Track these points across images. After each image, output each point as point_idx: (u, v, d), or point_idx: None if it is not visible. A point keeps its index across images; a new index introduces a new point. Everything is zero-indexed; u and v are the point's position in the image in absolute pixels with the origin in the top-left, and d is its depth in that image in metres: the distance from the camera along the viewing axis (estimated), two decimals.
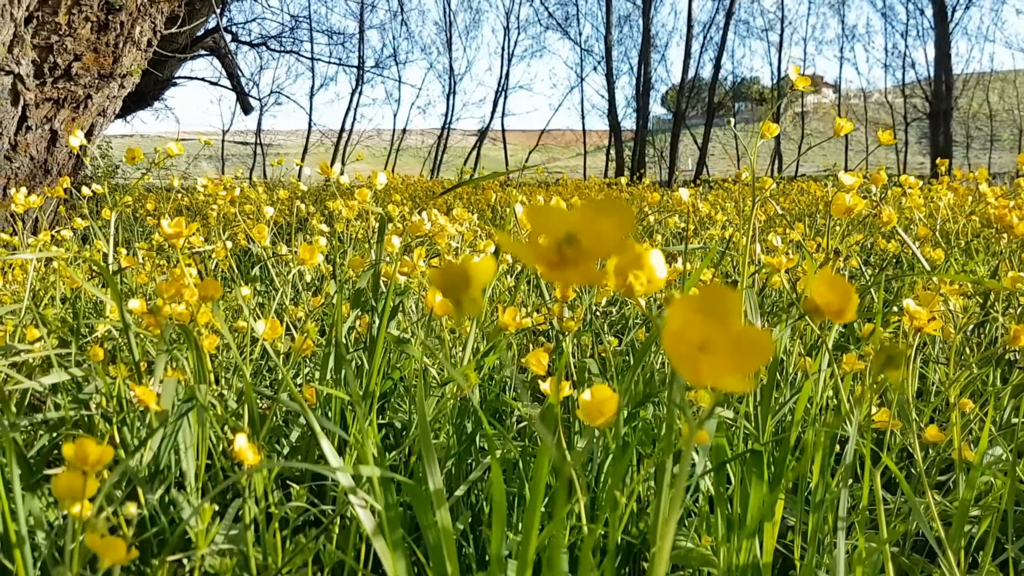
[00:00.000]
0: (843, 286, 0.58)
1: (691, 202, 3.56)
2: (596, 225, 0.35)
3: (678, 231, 3.10)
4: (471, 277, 0.40)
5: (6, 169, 4.11)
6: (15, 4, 3.92)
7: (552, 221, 0.36)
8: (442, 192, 1.30)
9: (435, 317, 1.36)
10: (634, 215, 0.36)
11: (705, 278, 1.33)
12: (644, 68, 18.80)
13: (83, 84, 4.23)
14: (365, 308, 1.42)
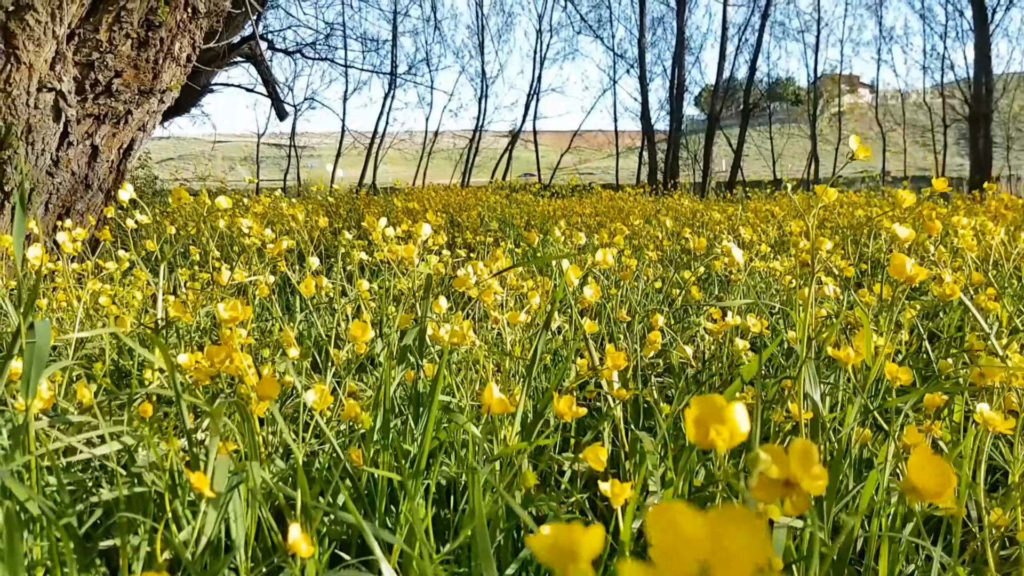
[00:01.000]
0: (941, 469, 0.54)
1: (727, 222, 3.47)
2: (728, 547, 0.31)
3: (724, 275, 2.99)
4: (579, 551, 0.36)
5: (48, 184, 4.15)
6: (57, 22, 3.97)
7: (680, 546, 0.32)
8: (499, 272, 1.26)
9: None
10: (766, 529, 0.32)
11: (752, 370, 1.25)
12: (678, 71, 18.63)
13: (124, 100, 4.26)
14: (411, 365, 1.38)
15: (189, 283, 2.57)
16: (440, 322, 1.33)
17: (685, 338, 1.74)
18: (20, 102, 3.94)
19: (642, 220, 4.40)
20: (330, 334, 2.04)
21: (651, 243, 3.12)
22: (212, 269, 2.47)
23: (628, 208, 5.64)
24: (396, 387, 1.45)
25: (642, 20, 19.36)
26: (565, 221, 4.66)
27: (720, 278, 2.94)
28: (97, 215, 4.49)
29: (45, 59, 3.98)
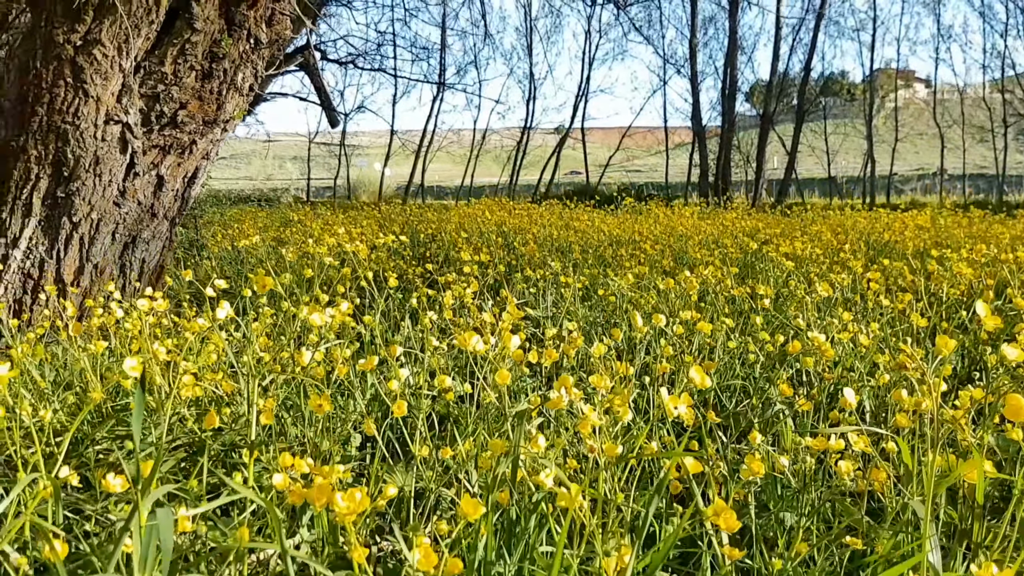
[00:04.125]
0: None
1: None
2: None
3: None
4: None
5: (115, 214, 4.23)
6: (123, 55, 4.04)
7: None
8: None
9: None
10: None
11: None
12: (730, 71, 18.30)
13: (188, 131, 4.32)
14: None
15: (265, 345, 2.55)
16: (541, 464, 1.28)
17: (779, 448, 1.66)
18: (88, 134, 4.02)
19: (705, 253, 4.31)
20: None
21: (721, 295, 3.03)
22: (292, 346, 2.45)
23: (685, 230, 5.52)
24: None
25: (693, 21, 19.09)
26: (625, 250, 4.58)
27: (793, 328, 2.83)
28: (162, 242, 4.57)
29: (112, 92, 4.05)
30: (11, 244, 4.07)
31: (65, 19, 3.93)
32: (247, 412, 1.88)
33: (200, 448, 1.71)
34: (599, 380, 1.33)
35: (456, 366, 2.67)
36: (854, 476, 1.42)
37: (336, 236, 3.08)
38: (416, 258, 6.14)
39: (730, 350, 2.38)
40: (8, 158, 4.10)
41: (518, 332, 2.08)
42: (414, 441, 1.63)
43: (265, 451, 1.67)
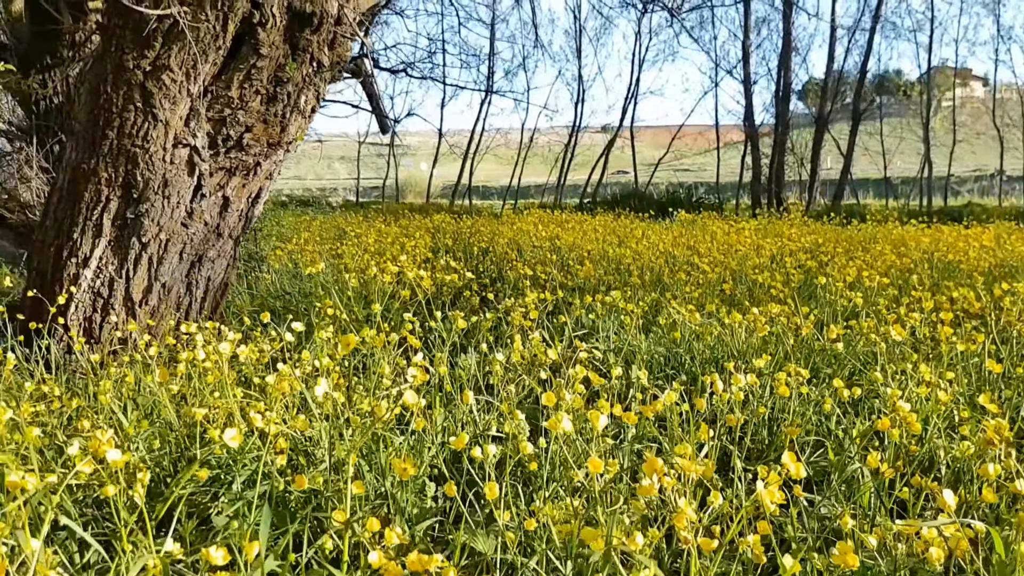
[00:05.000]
0: None
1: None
2: None
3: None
4: None
5: (182, 235, 4.33)
6: (191, 80, 4.12)
7: None
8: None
9: None
10: None
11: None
12: (784, 73, 17.97)
13: (253, 153, 4.40)
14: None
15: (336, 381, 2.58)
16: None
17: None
18: (157, 158, 4.12)
19: (766, 276, 4.23)
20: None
21: (789, 334, 2.96)
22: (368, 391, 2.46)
23: (743, 247, 5.42)
24: None
25: (746, 23, 18.80)
26: (684, 272, 4.53)
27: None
28: (227, 260, 4.66)
29: (180, 116, 4.14)
30: (82, 264, 4.20)
31: (135, 45, 4.03)
32: (330, 470, 1.90)
33: (282, 501, 1.73)
34: (688, 465, 1.31)
35: (526, 399, 2.66)
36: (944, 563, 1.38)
37: (398, 264, 3.10)
38: (468, 270, 6.16)
39: (802, 395, 2.33)
40: (79, 180, 4.23)
41: (590, 379, 2.07)
42: (490, 494, 1.63)
43: (343, 497, 1.69)
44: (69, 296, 4.14)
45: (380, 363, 2.60)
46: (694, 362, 3.09)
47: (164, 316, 4.43)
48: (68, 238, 4.20)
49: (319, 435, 1.95)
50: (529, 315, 3.10)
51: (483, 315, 3.61)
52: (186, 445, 2.21)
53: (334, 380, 2.37)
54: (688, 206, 16.75)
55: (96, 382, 3.16)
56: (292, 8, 4.17)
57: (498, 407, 2.30)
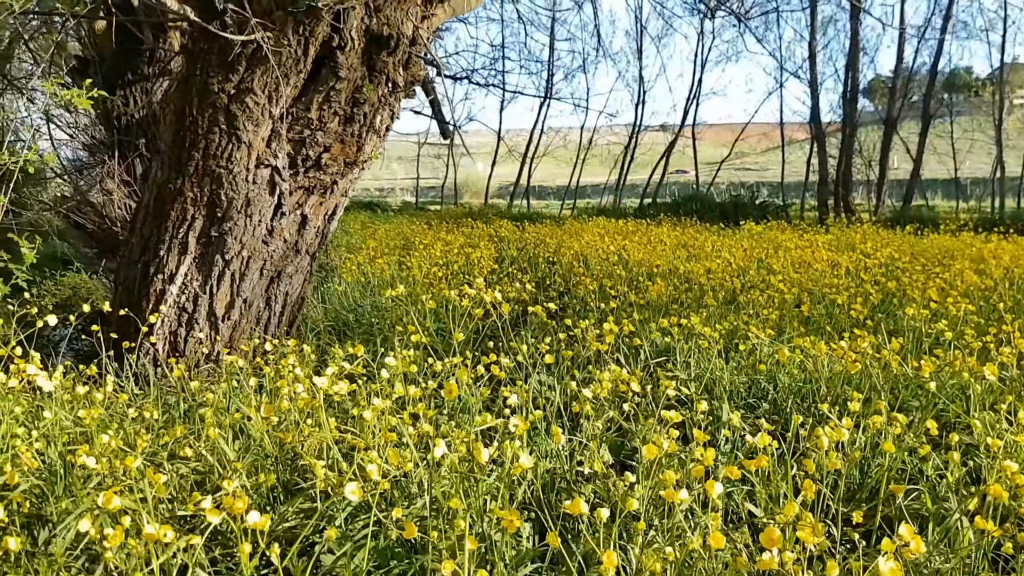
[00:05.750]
0: None
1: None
2: None
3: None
4: None
5: (263, 252, 4.46)
6: (273, 103, 4.24)
7: None
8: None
9: None
10: None
11: None
12: (852, 75, 17.53)
13: (331, 173, 4.50)
14: None
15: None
16: None
17: None
18: (240, 178, 4.25)
19: (844, 298, 4.14)
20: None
21: (877, 370, 2.90)
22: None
23: (818, 263, 5.30)
24: None
25: (813, 24, 18.39)
26: (759, 293, 4.46)
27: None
28: (303, 276, 4.78)
29: (262, 137, 4.27)
30: (168, 280, 4.35)
31: (219, 69, 4.16)
32: (430, 510, 1.94)
33: (382, 538, 1.78)
34: (809, 537, 1.30)
35: (610, 430, 2.66)
36: None
37: (475, 286, 3.14)
38: (534, 282, 6.19)
39: (897, 436, 2.28)
40: (166, 199, 4.39)
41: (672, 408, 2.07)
42: (607, 563, 1.62)
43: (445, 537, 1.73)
44: (155, 311, 4.30)
45: (464, 390, 2.64)
46: (776, 391, 3.06)
47: (245, 330, 4.57)
48: (154, 255, 4.36)
49: (415, 472, 1.99)
50: (606, 339, 3.11)
51: (556, 335, 3.62)
52: (284, 472, 2.28)
53: (420, 410, 2.41)
54: (752, 209, 16.44)
55: (188, 399, 3.28)
56: (370, 31, 4.25)
57: (586, 443, 2.31)
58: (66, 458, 1.99)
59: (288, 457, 2.32)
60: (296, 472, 2.43)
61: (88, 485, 1.96)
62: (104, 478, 1.86)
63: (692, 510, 1.88)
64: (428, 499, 1.77)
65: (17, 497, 1.84)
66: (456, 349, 3.20)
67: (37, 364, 2.49)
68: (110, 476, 1.82)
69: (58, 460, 1.98)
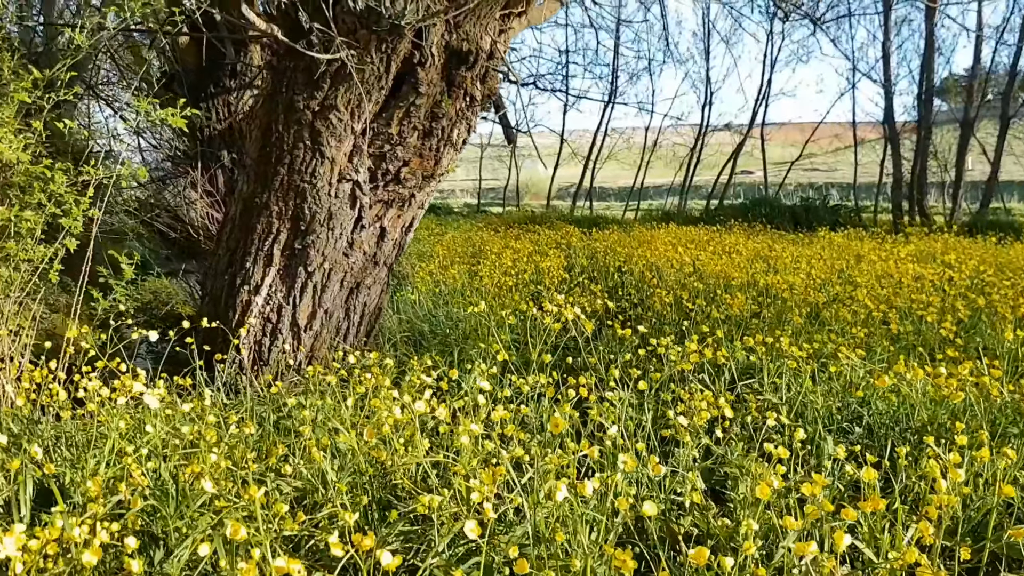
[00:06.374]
0: None
1: None
2: None
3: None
4: None
5: (344, 264, 4.55)
6: (355, 119, 4.33)
7: None
8: None
9: None
10: None
11: None
12: (927, 76, 16.91)
13: (409, 186, 4.57)
14: None
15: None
16: None
17: None
18: (323, 192, 4.35)
19: (932, 311, 4.01)
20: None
21: (979, 395, 2.80)
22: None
23: (902, 275, 5.13)
24: None
25: (886, 24, 17.82)
26: (844, 308, 4.34)
27: None
28: (381, 287, 4.86)
29: (344, 152, 4.36)
30: (254, 291, 4.48)
31: (305, 86, 4.27)
32: (532, 539, 1.95)
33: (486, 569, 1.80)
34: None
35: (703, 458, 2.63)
36: None
37: (556, 303, 3.14)
38: (607, 291, 6.17)
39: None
40: (251, 212, 4.52)
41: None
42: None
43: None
44: (241, 321, 4.43)
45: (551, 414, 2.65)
46: (870, 415, 2.98)
47: (325, 340, 4.67)
48: (241, 266, 4.49)
49: (510, 496, 2.01)
50: (689, 358, 3.08)
51: (635, 351, 3.60)
52: (377, 490, 2.33)
53: (511, 431, 2.43)
54: (825, 213, 16.01)
55: (278, 410, 3.37)
56: (450, 47, 4.30)
57: (679, 470, 2.29)
58: (177, 476, 2.07)
59: (380, 474, 2.37)
60: (387, 490, 2.47)
61: (196, 502, 2.04)
62: (215, 499, 1.94)
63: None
64: (531, 529, 1.78)
65: (132, 517, 1.92)
66: (536, 366, 3.21)
67: (143, 380, 2.59)
68: (222, 498, 1.89)
69: (169, 479, 2.06)
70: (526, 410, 2.31)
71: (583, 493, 1.65)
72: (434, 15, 4.07)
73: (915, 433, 2.98)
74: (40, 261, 4.02)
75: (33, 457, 2.07)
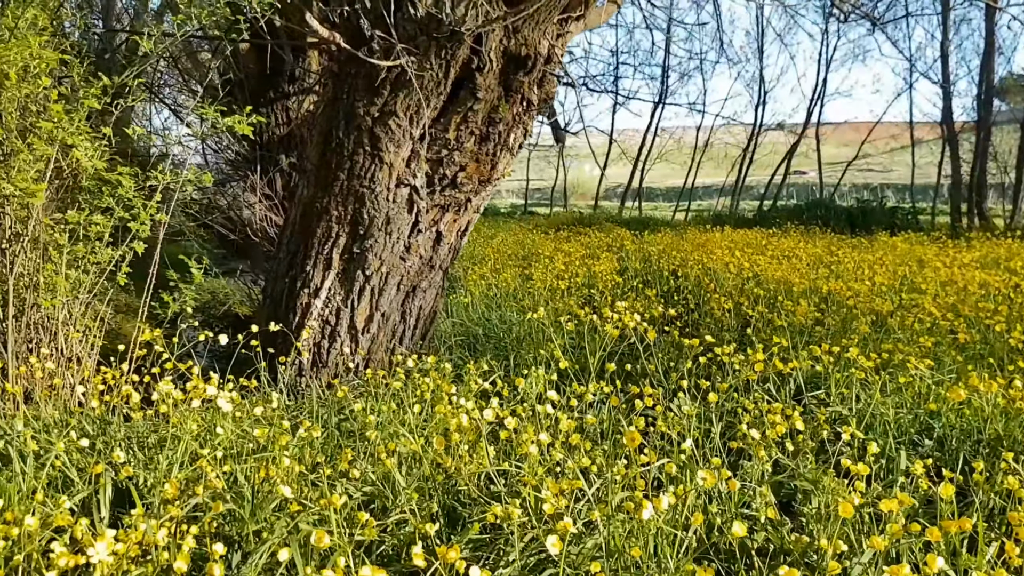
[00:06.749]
0: None
1: None
2: None
3: None
4: None
5: (400, 268, 4.60)
6: (414, 125, 4.37)
7: None
8: None
9: None
10: None
11: None
12: (987, 76, 16.43)
13: (465, 191, 4.60)
14: None
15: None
16: None
17: None
18: (381, 197, 4.40)
19: (998, 320, 3.88)
20: None
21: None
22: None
23: (968, 283, 4.97)
24: None
25: (945, 23, 17.38)
26: (909, 315, 4.24)
27: None
28: (436, 290, 4.90)
29: (402, 158, 4.40)
30: (313, 294, 4.55)
31: (365, 93, 4.32)
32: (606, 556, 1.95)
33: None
34: None
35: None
36: None
37: (618, 311, 3.13)
38: (661, 296, 6.12)
39: None
40: (311, 216, 4.59)
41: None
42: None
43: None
44: (301, 323, 4.51)
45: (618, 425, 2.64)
46: (940, 427, 2.90)
47: (382, 343, 4.72)
48: (301, 270, 4.57)
49: (574, 506, 2.01)
50: (754, 367, 3.04)
51: (696, 360, 3.57)
52: (442, 496, 2.35)
53: (575, 441, 2.43)
54: (882, 215, 15.64)
55: (340, 412, 3.41)
56: (508, 52, 4.31)
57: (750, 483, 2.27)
58: (251, 479, 2.12)
59: (445, 479, 2.39)
60: (451, 495, 2.49)
61: (270, 505, 2.08)
62: (290, 502, 1.97)
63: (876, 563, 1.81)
64: (605, 543, 1.77)
65: (208, 520, 1.97)
66: (595, 373, 3.20)
67: (215, 383, 2.66)
68: (295, 502, 1.93)
69: (244, 482, 2.11)
70: (592, 420, 2.30)
71: (659, 508, 1.64)
72: (494, 21, 4.09)
73: (987, 446, 2.90)
74: (107, 264, 4.14)
75: (115, 461, 2.13)
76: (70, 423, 2.93)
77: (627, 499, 1.84)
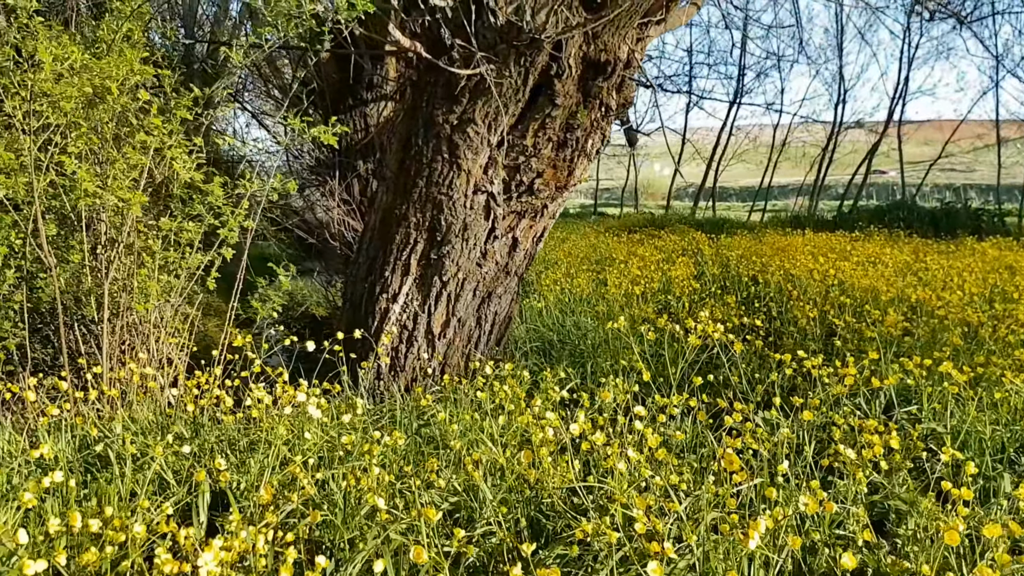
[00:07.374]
0: None
1: None
2: None
3: None
4: None
5: (476, 274, 4.62)
6: (492, 132, 4.39)
7: None
8: None
9: None
10: None
11: None
12: None
13: (542, 197, 4.60)
14: None
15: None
16: None
17: None
18: (459, 204, 4.44)
19: None
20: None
21: None
22: None
23: None
24: None
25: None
26: (1005, 328, 4.03)
27: None
28: (511, 296, 4.91)
29: (480, 165, 4.43)
30: (392, 299, 4.62)
31: (444, 101, 4.37)
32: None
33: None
34: None
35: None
36: None
37: (701, 320, 3.08)
38: (741, 303, 6.00)
39: None
40: (390, 223, 4.66)
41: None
42: None
43: None
44: (380, 328, 4.58)
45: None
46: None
47: (457, 348, 4.76)
48: (380, 275, 4.64)
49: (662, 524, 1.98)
50: (844, 381, 2.94)
51: (781, 371, 3.48)
52: (527, 507, 2.35)
53: (660, 456, 2.40)
54: (967, 218, 14.99)
55: (421, 418, 3.45)
56: (587, 58, 4.29)
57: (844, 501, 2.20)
58: (342, 485, 2.16)
59: (528, 490, 2.39)
60: (535, 507, 2.49)
61: (360, 512, 2.12)
62: (379, 511, 2.01)
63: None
64: (699, 564, 1.75)
65: (302, 526, 2.02)
66: (675, 384, 3.15)
67: (304, 388, 2.72)
68: (384, 512, 1.96)
69: (336, 489, 2.16)
70: (681, 436, 2.27)
71: (757, 531, 1.60)
72: (574, 27, 4.08)
73: None
74: (197, 268, 4.29)
75: (216, 467, 2.21)
76: (166, 426, 3.05)
77: (719, 519, 1.81)
